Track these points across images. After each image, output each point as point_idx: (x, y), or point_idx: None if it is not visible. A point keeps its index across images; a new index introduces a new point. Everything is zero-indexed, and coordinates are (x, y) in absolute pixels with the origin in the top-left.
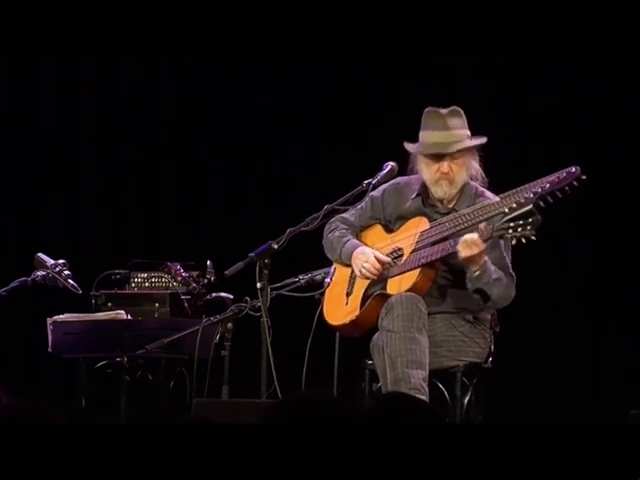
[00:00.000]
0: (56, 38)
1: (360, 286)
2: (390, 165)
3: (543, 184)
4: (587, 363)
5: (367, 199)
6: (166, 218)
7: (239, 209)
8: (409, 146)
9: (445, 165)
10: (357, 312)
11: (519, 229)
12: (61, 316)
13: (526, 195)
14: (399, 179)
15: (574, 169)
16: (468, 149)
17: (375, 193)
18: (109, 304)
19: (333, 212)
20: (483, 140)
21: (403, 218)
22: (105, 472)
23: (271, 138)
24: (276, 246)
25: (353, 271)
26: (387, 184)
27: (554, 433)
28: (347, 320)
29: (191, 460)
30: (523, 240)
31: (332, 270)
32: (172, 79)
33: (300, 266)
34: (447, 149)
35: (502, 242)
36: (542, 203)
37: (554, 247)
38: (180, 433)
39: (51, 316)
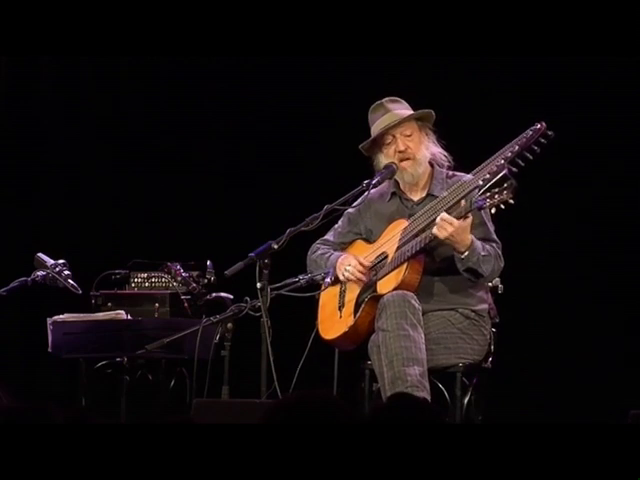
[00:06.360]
0: (56, 38)
1: (351, 296)
2: (390, 165)
3: (512, 147)
4: (587, 363)
5: (343, 218)
6: (166, 218)
7: (239, 209)
8: (363, 144)
9: (399, 142)
10: (352, 320)
11: (496, 196)
12: (61, 316)
13: (497, 163)
14: (368, 193)
15: (539, 125)
16: (419, 127)
17: (350, 210)
18: (109, 304)
19: (333, 212)
20: (425, 111)
21: (384, 221)
22: (105, 472)
23: (271, 138)
24: (276, 246)
25: (342, 286)
26: (357, 201)
27: (554, 433)
28: (343, 330)
29: (191, 460)
30: (502, 206)
31: (332, 270)
32: (172, 79)
33: (300, 266)
34: (391, 124)
35: (483, 214)
36: (514, 168)
37: (553, 247)
38: (180, 433)
39: (51, 316)
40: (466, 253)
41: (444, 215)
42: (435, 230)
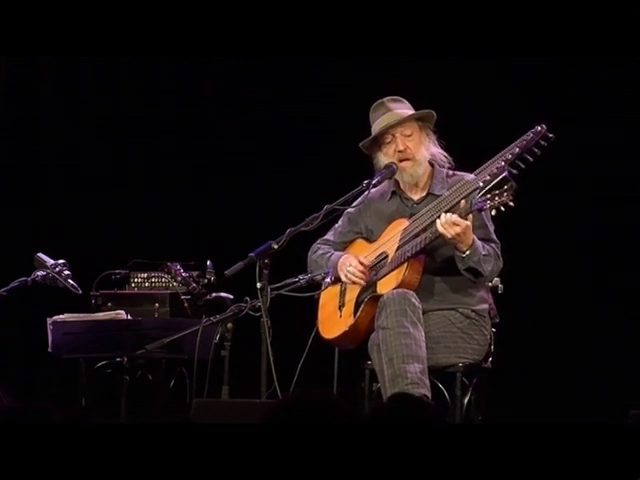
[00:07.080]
0: (56, 38)
1: (351, 296)
2: (390, 165)
3: (512, 149)
4: (587, 363)
5: (343, 217)
6: (166, 218)
7: (239, 209)
8: (363, 142)
9: (399, 142)
10: (352, 319)
11: (496, 198)
12: (61, 316)
13: (498, 165)
14: (368, 193)
15: (539, 127)
16: (420, 127)
17: (350, 209)
18: (109, 304)
19: (333, 212)
20: (426, 111)
21: (385, 221)
22: (105, 472)
23: (271, 138)
24: (276, 246)
25: (342, 285)
26: (357, 201)
27: (554, 433)
28: (344, 329)
29: (191, 460)
30: (502, 208)
31: (332, 270)
32: (173, 78)
33: (300, 266)
34: (390, 123)
35: (484, 216)
36: (514, 170)
37: (553, 247)
38: (180, 433)
39: (51, 316)
40: (467, 252)
41: (451, 216)
42: (441, 229)
